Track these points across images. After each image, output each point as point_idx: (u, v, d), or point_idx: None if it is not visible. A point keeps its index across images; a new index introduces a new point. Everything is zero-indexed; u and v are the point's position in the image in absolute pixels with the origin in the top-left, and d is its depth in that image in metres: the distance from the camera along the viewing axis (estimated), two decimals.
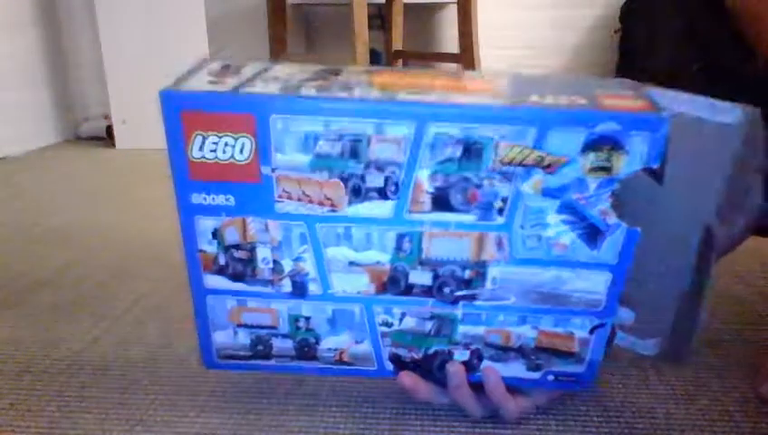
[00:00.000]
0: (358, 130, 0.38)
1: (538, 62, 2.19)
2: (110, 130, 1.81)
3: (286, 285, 0.44)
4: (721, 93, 0.42)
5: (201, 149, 0.39)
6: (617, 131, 0.37)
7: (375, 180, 0.39)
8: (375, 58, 2.00)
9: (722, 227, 0.41)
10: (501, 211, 0.40)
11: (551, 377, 0.46)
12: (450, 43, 2.21)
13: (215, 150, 0.39)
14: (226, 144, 0.39)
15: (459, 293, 0.43)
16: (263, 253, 0.42)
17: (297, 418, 0.51)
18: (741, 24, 0.64)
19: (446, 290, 0.43)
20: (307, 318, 0.45)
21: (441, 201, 0.40)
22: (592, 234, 0.40)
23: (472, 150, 0.38)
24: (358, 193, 0.40)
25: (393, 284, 0.43)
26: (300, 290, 0.44)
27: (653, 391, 0.54)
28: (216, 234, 0.42)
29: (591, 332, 0.43)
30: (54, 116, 1.91)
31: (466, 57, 1.70)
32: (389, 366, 0.47)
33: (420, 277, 0.42)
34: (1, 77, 1.70)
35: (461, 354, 0.45)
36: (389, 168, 0.39)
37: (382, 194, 0.40)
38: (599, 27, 2.18)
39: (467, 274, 0.42)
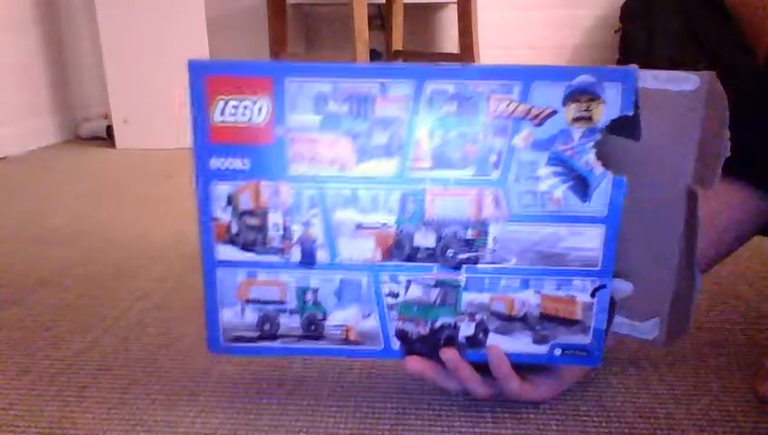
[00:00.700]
0: (363, 90, 0.42)
1: (538, 62, 2.19)
2: (110, 130, 1.81)
3: (295, 254, 0.45)
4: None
5: (222, 113, 0.43)
6: (592, 83, 0.41)
7: (380, 138, 0.43)
8: (375, 58, 2.00)
9: (701, 188, 0.44)
10: (496, 165, 0.43)
11: (558, 351, 0.46)
12: (450, 43, 2.21)
13: (234, 114, 0.43)
14: (246, 107, 0.43)
15: (462, 255, 0.44)
16: (274, 219, 0.44)
17: (297, 418, 0.51)
18: (741, 23, 0.64)
19: (450, 253, 0.44)
20: (315, 290, 0.46)
21: (440, 157, 0.43)
22: (582, 185, 0.43)
23: (466, 105, 0.42)
24: (364, 151, 0.43)
25: (398, 248, 0.45)
26: (308, 258, 0.45)
27: (653, 391, 0.54)
28: (230, 200, 0.44)
29: (593, 295, 0.45)
30: (54, 116, 1.91)
31: (466, 57, 1.70)
32: (396, 345, 0.47)
33: (424, 239, 0.44)
34: (1, 77, 1.70)
35: (467, 327, 0.46)
36: (393, 126, 0.42)
37: (387, 151, 0.43)
38: (599, 27, 2.18)
39: (469, 233, 0.44)
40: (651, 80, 0.43)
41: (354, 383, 0.55)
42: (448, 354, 0.46)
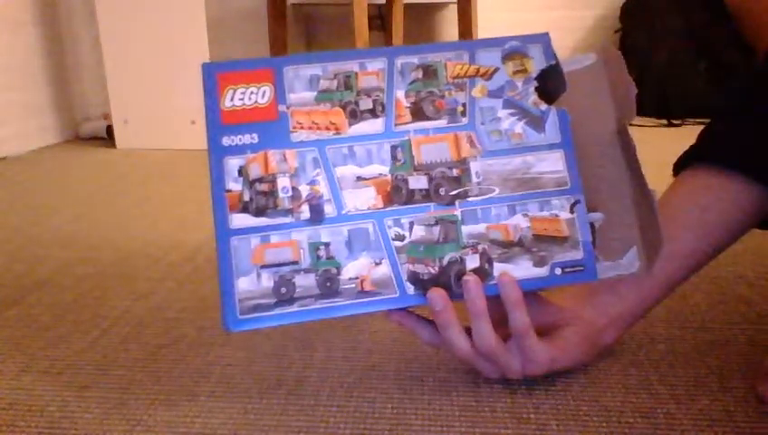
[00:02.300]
0: (347, 68, 0.51)
1: None
2: (110, 130, 1.81)
3: (305, 212, 0.49)
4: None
5: (232, 99, 0.49)
6: (519, 46, 0.53)
7: (366, 104, 0.51)
8: None
9: (626, 123, 0.53)
10: (463, 113, 0.51)
11: (558, 271, 0.51)
12: None
13: (242, 99, 0.49)
14: (252, 92, 0.50)
15: (453, 192, 0.51)
16: (282, 182, 0.49)
17: (297, 418, 0.51)
18: (741, 23, 0.66)
19: (442, 190, 0.51)
20: (326, 245, 0.49)
21: (418, 112, 0.51)
22: (535, 120, 0.52)
23: (429, 71, 0.52)
24: (354, 115, 0.51)
25: (396, 192, 0.50)
26: (317, 214, 0.49)
27: (653, 391, 0.54)
28: (241, 171, 0.49)
29: (572, 210, 0.51)
30: (54, 116, 1.91)
31: None
32: (410, 289, 0.49)
33: (418, 182, 0.51)
34: (1, 77, 1.70)
35: (472, 260, 0.50)
36: (375, 93, 0.51)
37: (373, 113, 0.51)
38: (599, 27, 2.18)
39: (455, 172, 0.51)
40: (565, 66, 0.53)
41: (354, 383, 0.55)
42: (473, 278, 0.48)
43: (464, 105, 0.51)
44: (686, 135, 0.61)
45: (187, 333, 0.65)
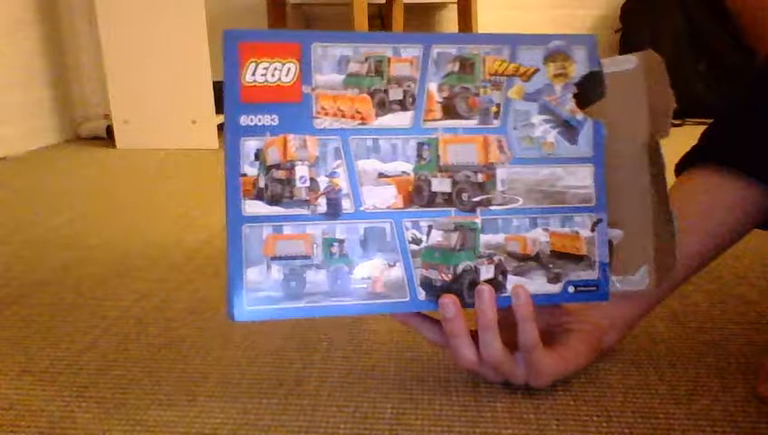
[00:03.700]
0: (380, 52, 0.48)
1: None
2: (110, 130, 1.81)
3: (321, 205, 0.47)
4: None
5: (253, 74, 0.46)
6: (563, 46, 0.50)
7: (396, 94, 0.48)
8: None
9: (659, 137, 0.51)
10: (496, 115, 0.49)
11: (571, 289, 0.50)
12: None
13: (264, 75, 0.46)
14: (275, 69, 0.46)
15: (476, 198, 0.49)
16: (301, 171, 0.47)
17: (297, 418, 0.51)
18: (741, 23, 0.67)
19: (465, 196, 0.49)
20: (340, 241, 0.47)
21: (449, 109, 0.49)
22: (569, 130, 0.50)
23: (466, 65, 0.49)
24: (383, 105, 0.48)
25: (418, 193, 0.49)
26: (334, 208, 0.48)
27: (653, 391, 0.54)
28: (258, 155, 0.47)
29: (593, 229, 0.50)
30: (54, 116, 1.91)
31: None
32: (422, 295, 0.48)
33: (441, 185, 0.49)
34: (1, 77, 1.70)
35: (486, 271, 0.49)
36: (406, 82, 0.48)
37: (402, 105, 0.48)
38: (599, 27, 2.18)
39: (480, 177, 0.49)
40: (604, 67, 0.51)
41: (354, 383, 0.55)
42: (486, 287, 0.47)
43: (498, 105, 0.49)
44: (687, 135, 0.61)
45: (187, 334, 0.65)
